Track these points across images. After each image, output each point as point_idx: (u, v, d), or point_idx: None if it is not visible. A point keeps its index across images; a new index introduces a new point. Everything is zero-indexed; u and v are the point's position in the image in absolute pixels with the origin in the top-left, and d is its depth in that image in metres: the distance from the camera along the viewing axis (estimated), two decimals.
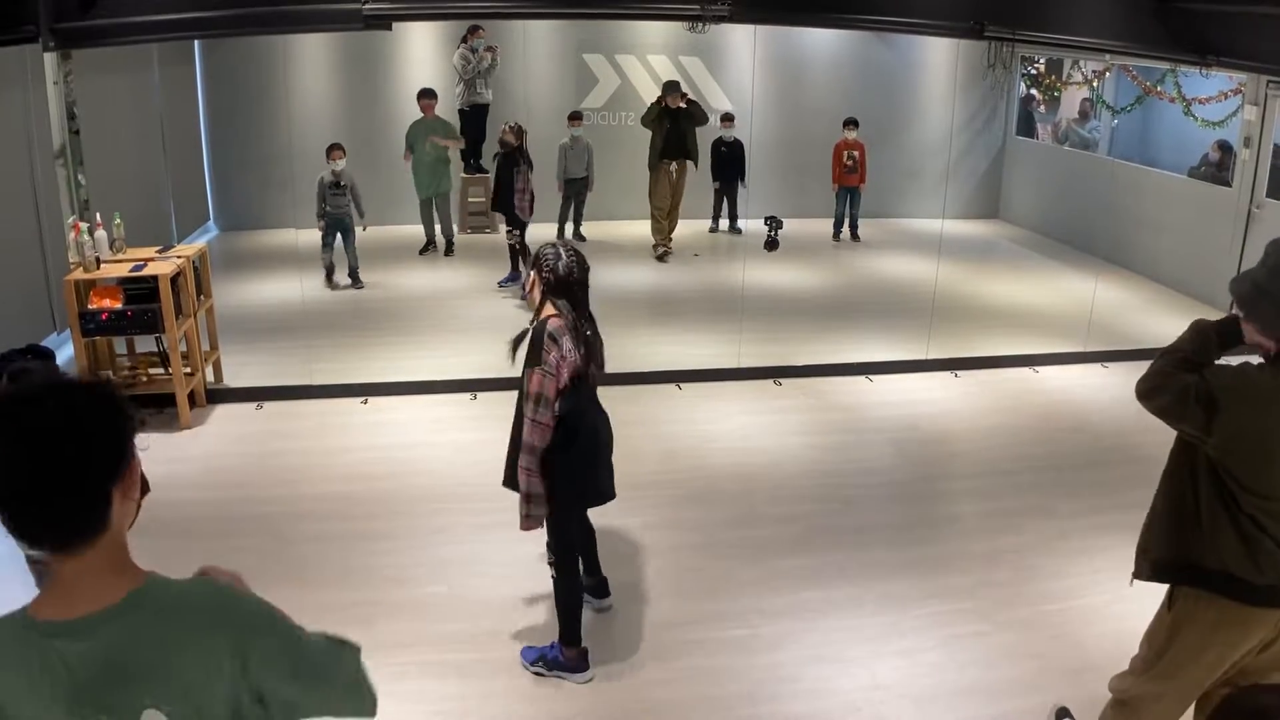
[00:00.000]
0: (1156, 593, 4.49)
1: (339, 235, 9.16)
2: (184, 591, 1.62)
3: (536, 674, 4.00)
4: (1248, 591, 2.73)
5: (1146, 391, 2.87)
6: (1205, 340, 2.85)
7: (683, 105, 10.38)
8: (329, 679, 1.74)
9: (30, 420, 1.49)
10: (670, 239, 10.81)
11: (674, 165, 10.54)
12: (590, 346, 3.74)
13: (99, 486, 1.53)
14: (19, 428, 1.49)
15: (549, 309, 3.70)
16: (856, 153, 11.48)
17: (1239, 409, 2.69)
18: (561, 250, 3.76)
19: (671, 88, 10.50)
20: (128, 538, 1.63)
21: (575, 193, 11.03)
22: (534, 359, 3.60)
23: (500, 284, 9.41)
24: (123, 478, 1.57)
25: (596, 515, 4.28)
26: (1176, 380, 2.77)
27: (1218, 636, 2.80)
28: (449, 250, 10.61)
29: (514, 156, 9.02)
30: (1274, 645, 2.81)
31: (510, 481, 3.84)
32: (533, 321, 3.74)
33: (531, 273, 3.78)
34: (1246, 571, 2.73)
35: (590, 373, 3.76)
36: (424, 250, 10.66)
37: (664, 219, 10.72)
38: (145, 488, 1.72)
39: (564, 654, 3.99)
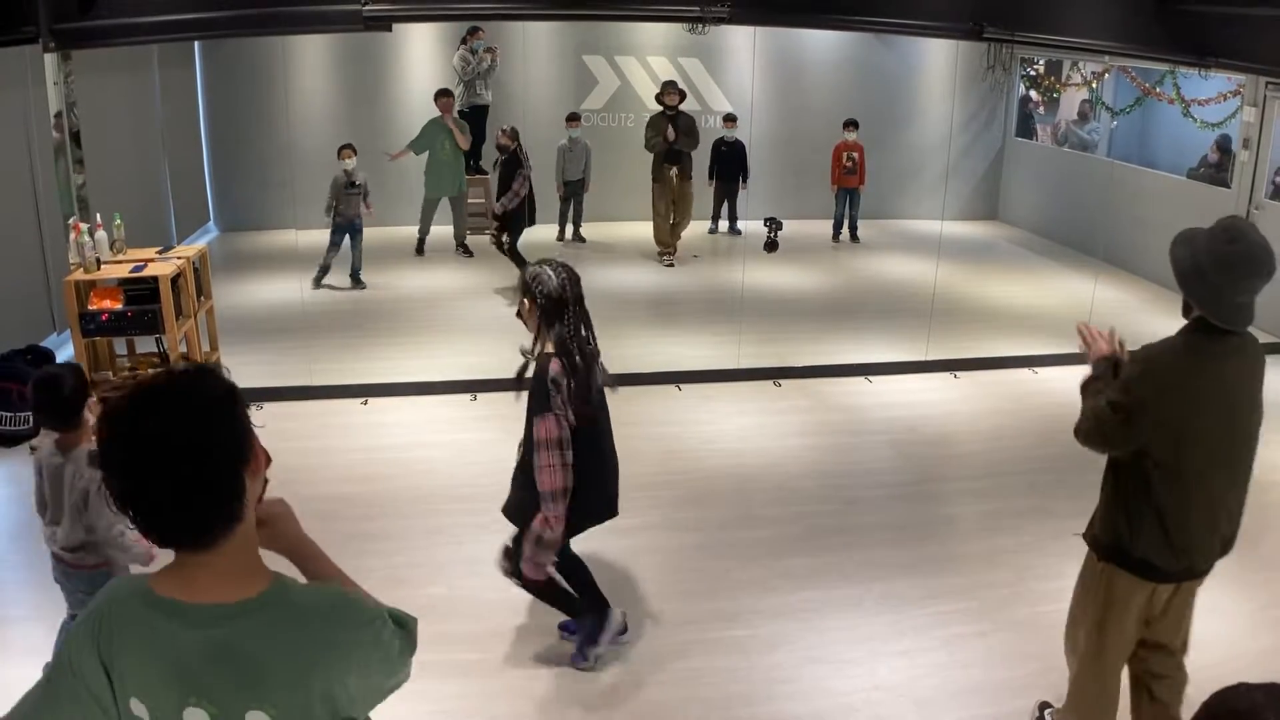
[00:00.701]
0: None
1: (348, 236, 9.15)
2: (309, 599, 1.62)
3: (590, 661, 4.03)
4: (1165, 575, 3.10)
5: (1083, 441, 3.17)
6: (1108, 371, 3.19)
7: (678, 107, 10.26)
8: (396, 672, 1.74)
9: (154, 425, 1.46)
10: (673, 247, 10.64)
11: (674, 170, 10.38)
12: (588, 371, 3.62)
13: (233, 477, 1.53)
14: (145, 435, 1.46)
15: (546, 344, 3.63)
16: (856, 154, 11.49)
17: (1154, 408, 2.93)
18: (549, 270, 3.69)
19: (669, 87, 10.43)
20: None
21: (573, 194, 11.03)
22: (541, 406, 3.53)
23: None
24: (252, 460, 1.58)
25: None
26: (1098, 425, 3.05)
27: (1133, 604, 3.16)
28: (467, 252, 10.62)
29: (515, 159, 9.02)
30: (1171, 605, 3.19)
31: (511, 512, 3.82)
32: (532, 349, 3.69)
33: (524, 299, 3.69)
34: (1165, 560, 3.06)
35: (588, 401, 3.63)
36: (421, 251, 10.63)
37: (659, 222, 10.57)
38: (267, 458, 1.74)
39: (586, 625, 4.04)
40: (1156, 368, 2.97)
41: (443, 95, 10.30)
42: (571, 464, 3.54)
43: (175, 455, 1.45)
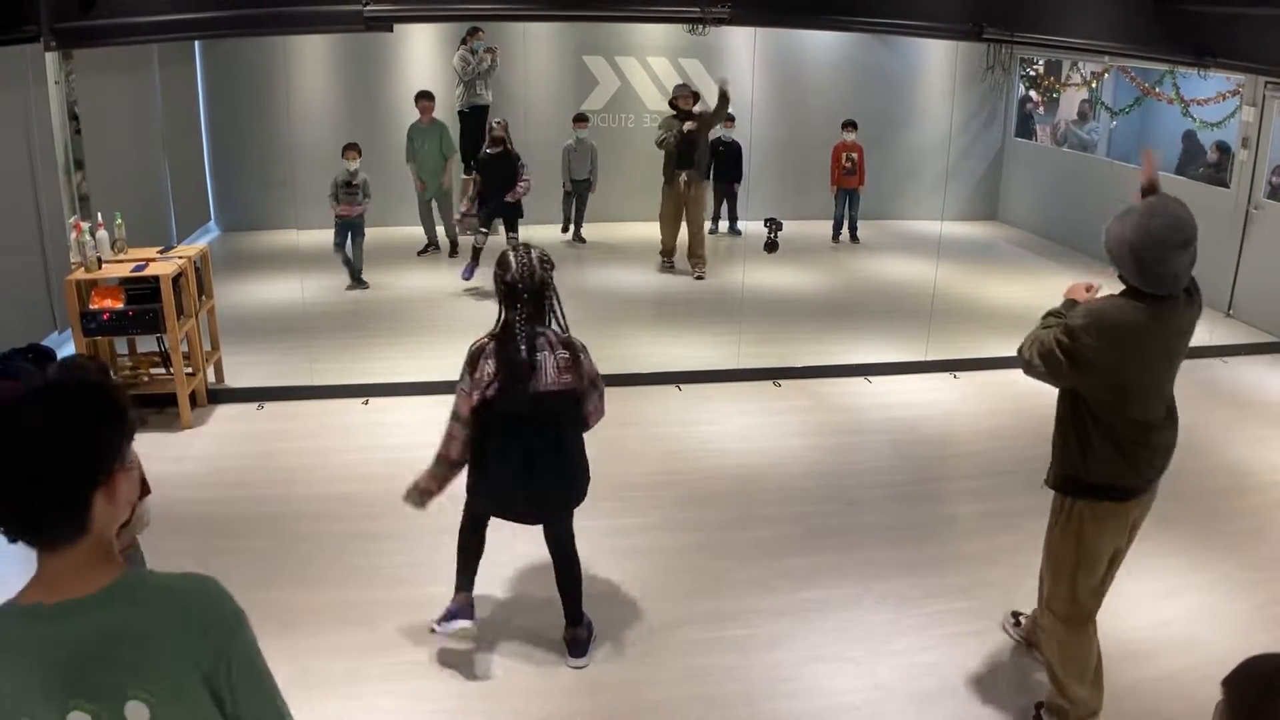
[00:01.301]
0: (1151, 600, 4.51)
1: (349, 235, 9.16)
2: (168, 583, 1.63)
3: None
4: (1125, 492, 3.46)
5: (1026, 367, 3.50)
6: (1062, 315, 3.50)
7: (693, 113, 9.78)
8: (266, 696, 1.70)
9: (6, 427, 1.51)
10: (695, 262, 10.06)
11: (684, 176, 9.84)
12: (512, 371, 3.65)
13: (76, 493, 1.55)
14: (6, 425, 1.51)
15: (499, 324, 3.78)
16: (855, 155, 11.50)
17: (1099, 358, 3.27)
18: (512, 257, 3.72)
19: (680, 90, 10.06)
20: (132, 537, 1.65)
21: (578, 194, 11.05)
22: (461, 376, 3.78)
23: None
24: (105, 483, 1.57)
25: (600, 517, 4.29)
26: (1050, 356, 3.35)
27: (1106, 527, 3.50)
28: (453, 251, 10.62)
29: (508, 154, 9.05)
30: (1138, 522, 3.63)
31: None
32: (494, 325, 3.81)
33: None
34: (1124, 479, 3.43)
35: (507, 398, 3.67)
36: (423, 251, 10.67)
37: (667, 230, 10.14)
38: (144, 489, 1.74)
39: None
40: (1103, 323, 3.28)
41: (421, 98, 10.31)
42: (463, 440, 3.75)
43: (16, 453, 1.50)
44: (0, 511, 1.54)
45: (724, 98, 9.65)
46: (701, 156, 9.99)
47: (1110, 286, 3.50)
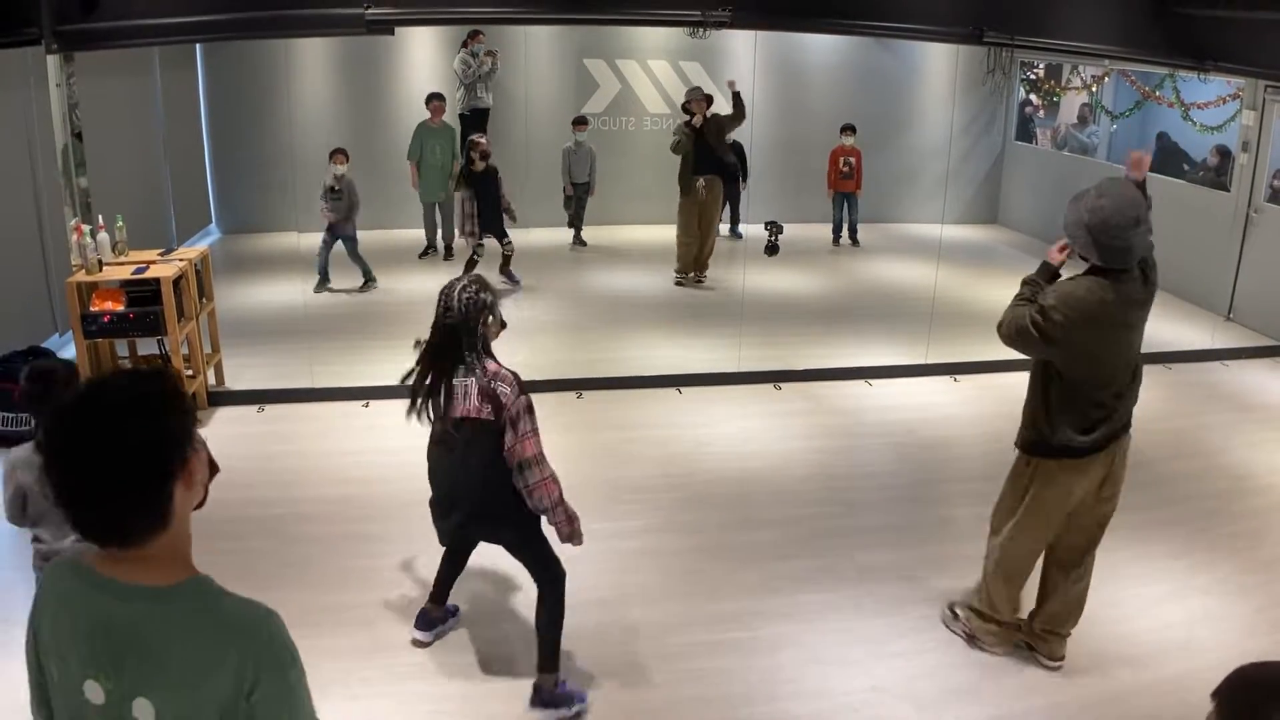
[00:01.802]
0: (1152, 603, 4.52)
1: (339, 241, 9.14)
2: (228, 603, 1.62)
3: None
4: (1082, 450, 3.80)
5: (1005, 340, 3.87)
6: (1038, 284, 3.94)
7: (705, 116, 9.40)
8: None
9: (88, 424, 1.49)
10: (699, 268, 9.83)
11: (701, 182, 9.42)
12: (434, 399, 3.76)
13: (160, 486, 1.54)
14: (78, 432, 1.49)
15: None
16: (853, 159, 11.48)
17: (1070, 333, 3.64)
18: (443, 294, 3.76)
19: (694, 94, 9.61)
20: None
21: (577, 197, 11.04)
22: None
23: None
24: (182, 472, 1.57)
25: (601, 520, 4.28)
26: (1025, 333, 3.73)
27: (1061, 479, 3.87)
28: (448, 255, 10.62)
29: (491, 169, 9.04)
30: (1106, 481, 3.92)
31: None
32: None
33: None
34: (1083, 440, 3.78)
35: (436, 422, 3.79)
36: (424, 254, 10.67)
37: (687, 243, 9.73)
38: (214, 468, 1.75)
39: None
40: (1071, 301, 3.66)
41: (432, 99, 10.30)
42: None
43: (96, 455, 1.48)
44: (84, 518, 1.53)
45: (739, 100, 9.48)
46: (718, 161, 9.58)
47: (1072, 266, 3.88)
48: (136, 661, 1.55)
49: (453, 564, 4.25)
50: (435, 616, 4.26)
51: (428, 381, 3.75)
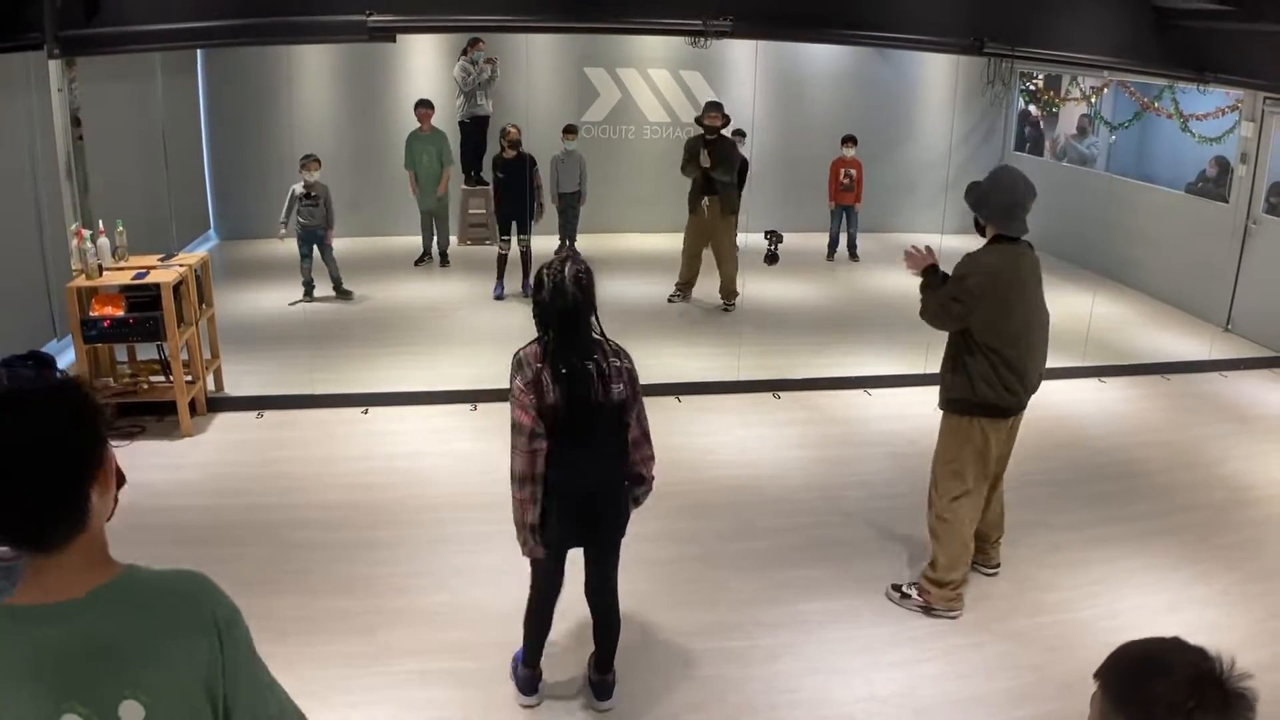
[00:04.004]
0: (1151, 614, 4.52)
1: (314, 248, 9.09)
2: (162, 583, 1.64)
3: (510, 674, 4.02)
4: (1001, 410, 4.41)
5: (930, 320, 4.52)
6: (934, 279, 4.54)
7: (716, 127, 9.01)
8: (266, 698, 1.72)
9: (8, 427, 1.51)
10: (725, 295, 9.45)
11: (705, 201, 9.18)
12: (572, 384, 3.40)
13: (76, 489, 1.55)
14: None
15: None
16: (854, 171, 11.46)
17: (986, 294, 4.23)
18: (545, 276, 3.46)
19: (711, 108, 9.18)
20: (108, 537, 1.66)
21: (568, 206, 10.98)
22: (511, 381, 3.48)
23: (499, 297, 9.47)
24: (98, 476, 1.59)
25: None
26: (942, 310, 4.41)
27: (988, 438, 4.44)
28: (444, 262, 10.63)
29: (524, 157, 9.04)
30: (1012, 431, 4.59)
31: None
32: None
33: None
34: (1000, 399, 4.36)
35: (563, 415, 3.40)
36: (419, 261, 10.65)
37: (687, 260, 9.56)
38: (120, 479, 1.75)
39: (519, 667, 3.97)
40: (982, 268, 4.28)
41: (420, 106, 10.30)
42: (533, 451, 3.39)
43: (14, 455, 1.50)
44: (5, 520, 1.54)
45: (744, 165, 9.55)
46: (729, 184, 9.19)
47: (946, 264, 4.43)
48: (100, 671, 1.53)
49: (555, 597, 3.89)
50: (538, 673, 3.97)
51: (563, 371, 3.40)
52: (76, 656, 1.52)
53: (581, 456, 3.49)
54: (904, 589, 4.69)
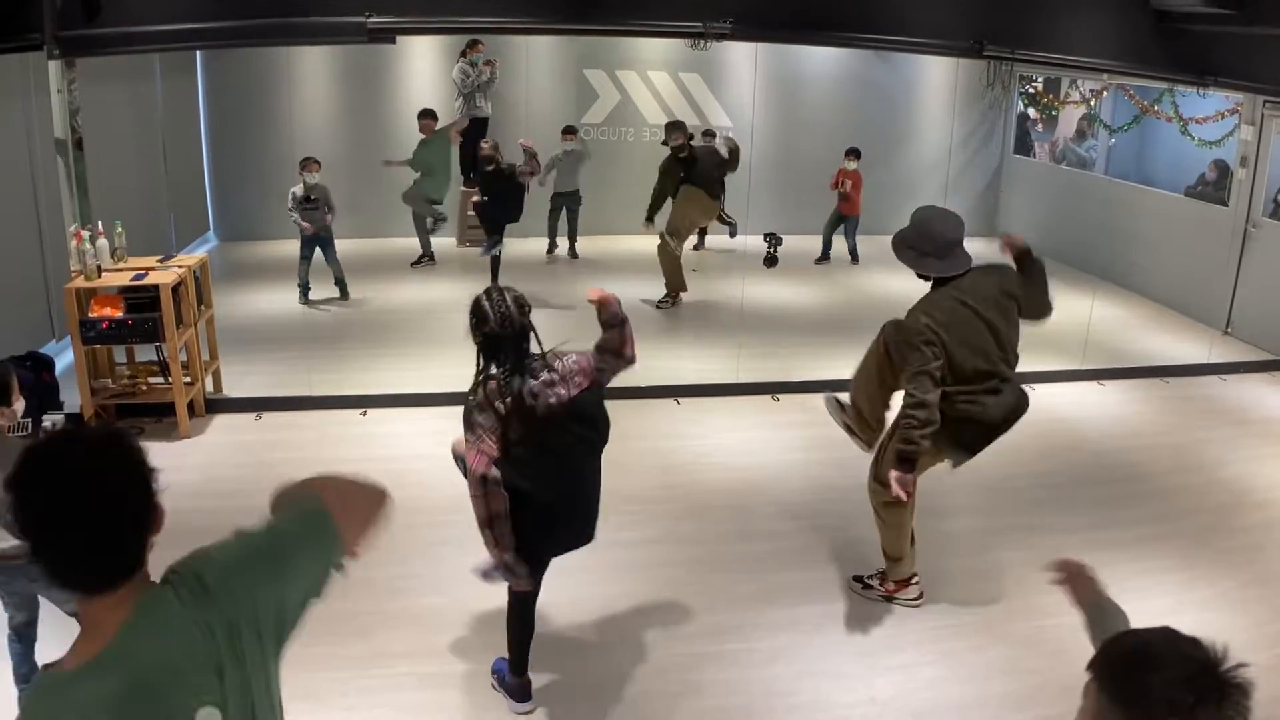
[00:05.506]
0: (1149, 619, 4.51)
1: (317, 248, 9.08)
2: (167, 598, 1.64)
3: (492, 685, 3.98)
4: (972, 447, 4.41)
5: (912, 388, 4.16)
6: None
7: (684, 151, 9.10)
8: (303, 556, 1.98)
9: (75, 482, 1.53)
10: (678, 294, 9.62)
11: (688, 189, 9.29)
12: (522, 403, 3.40)
13: (138, 538, 1.61)
14: (55, 490, 1.52)
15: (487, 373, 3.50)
16: (850, 181, 11.43)
17: (941, 333, 4.07)
18: (488, 308, 3.45)
19: (673, 128, 9.25)
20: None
21: (565, 206, 10.97)
22: (468, 428, 3.46)
23: None
24: (153, 527, 1.64)
25: (598, 531, 4.26)
26: (919, 358, 4.09)
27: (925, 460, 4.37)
28: (428, 259, 10.68)
29: (501, 171, 9.01)
30: None
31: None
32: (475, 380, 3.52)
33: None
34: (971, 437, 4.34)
35: (525, 430, 3.41)
36: (417, 263, 10.64)
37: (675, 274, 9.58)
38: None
39: (507, 678, 3.93)
40: (931, 310, 4.14)
41: (423, 116, 10.31)
42: (488, 494, 3.38)
43: (84, 508, 1.53)
44: (67, 566, 1.56)
45: (734, 151, 9.45)
46: (716, 179, 9.27)
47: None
48: (166, 699, 1.55)
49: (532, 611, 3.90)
50: (527, 681, 3.95)
51: (531, 392, 3.44)
52: (129, 698, 1.51)
53: (552, 464, 3.49)
54: (865, 580, 4.77)
